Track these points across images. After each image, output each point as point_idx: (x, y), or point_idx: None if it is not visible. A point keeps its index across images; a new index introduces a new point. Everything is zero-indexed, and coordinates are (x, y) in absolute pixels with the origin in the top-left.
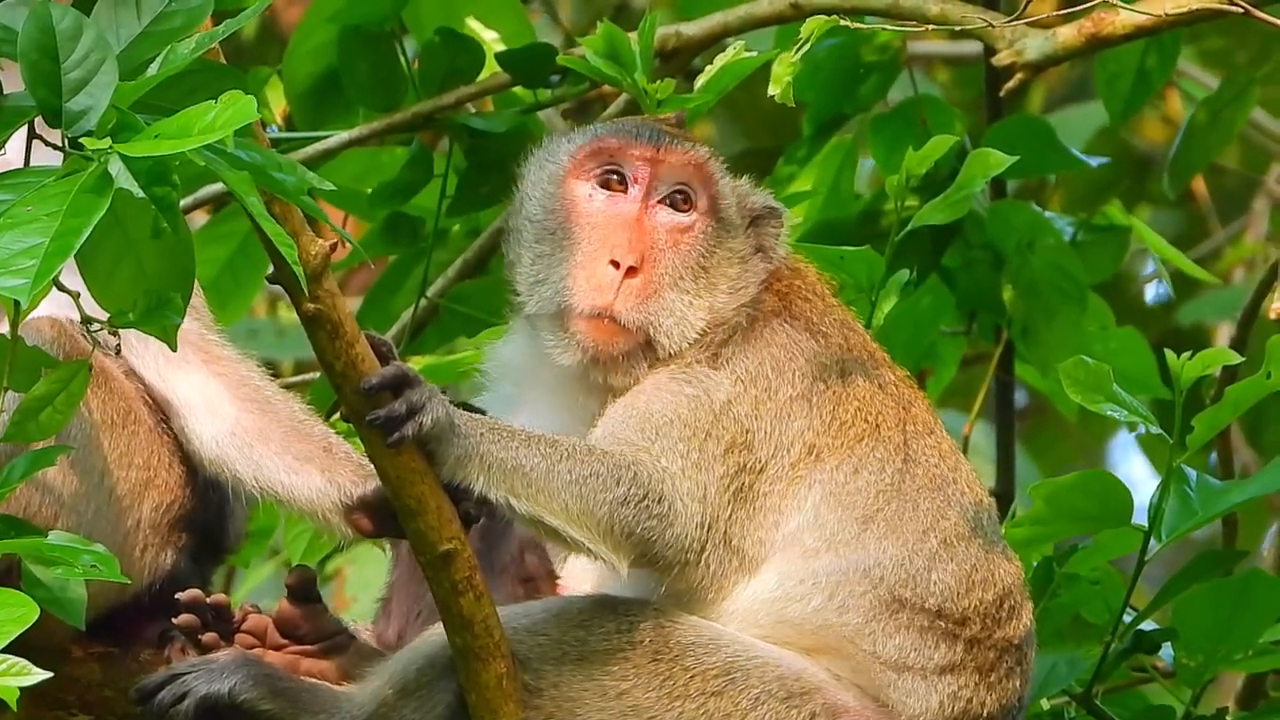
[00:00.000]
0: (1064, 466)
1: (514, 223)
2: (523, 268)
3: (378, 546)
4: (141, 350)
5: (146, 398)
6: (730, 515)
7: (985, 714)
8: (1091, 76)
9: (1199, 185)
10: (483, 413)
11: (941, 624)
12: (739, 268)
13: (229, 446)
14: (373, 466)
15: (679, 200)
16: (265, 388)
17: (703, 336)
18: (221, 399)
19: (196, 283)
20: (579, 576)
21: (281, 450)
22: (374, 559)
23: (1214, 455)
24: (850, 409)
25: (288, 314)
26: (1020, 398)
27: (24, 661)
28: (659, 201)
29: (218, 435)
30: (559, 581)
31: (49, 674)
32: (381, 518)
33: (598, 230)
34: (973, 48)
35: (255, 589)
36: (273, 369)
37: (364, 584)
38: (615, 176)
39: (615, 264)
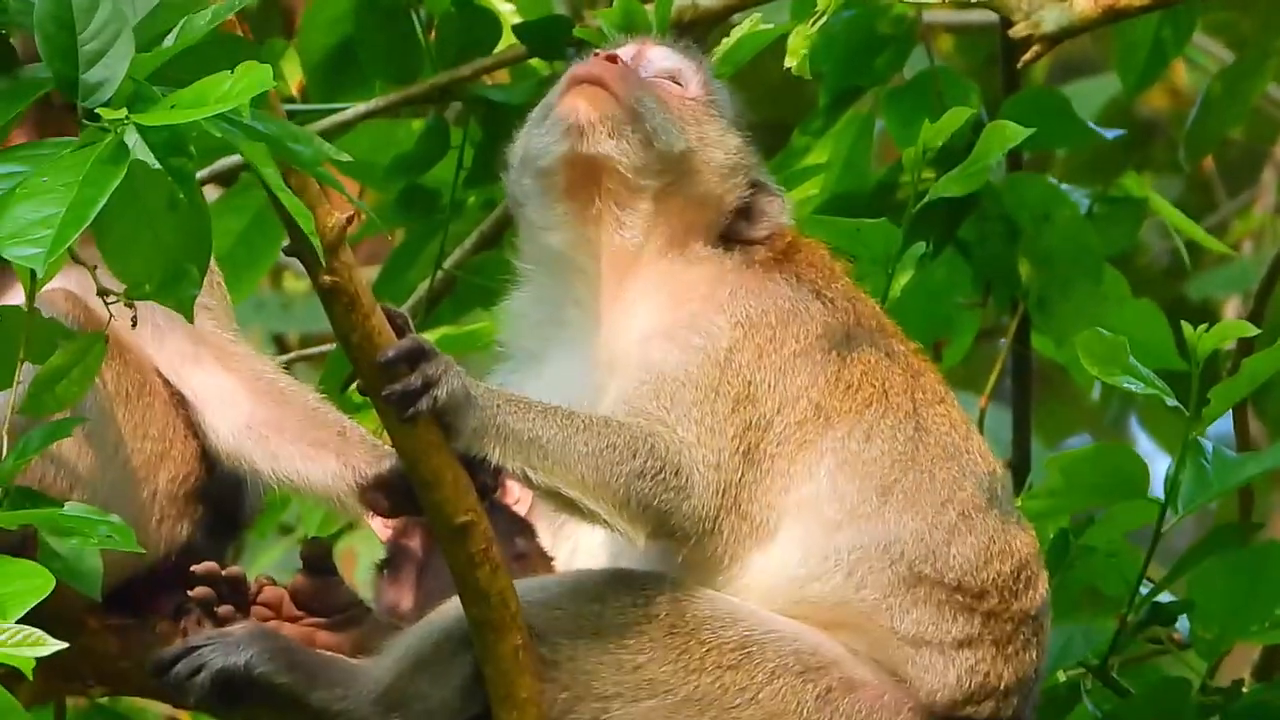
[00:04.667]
0: (1064, 437)
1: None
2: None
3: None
4: (157, 348)
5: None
6: (741, 479)
7: (1002, 687)
8: (1094, 51)
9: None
10: None
11: (959, 598)
12: (726, 168)
13: (245, 439)
14: (388, 446)
15: (669, 79)
16: (279, 379)
17: (686, 229)
18: (237, 393)
19: (214, 271)
20: (593, 550)
21: (297, 439)
22: (377, 539)
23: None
24: (856, 371)
25: (294, 286)
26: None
27: (39, 632)
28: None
29: (234, 429)
30: (552, 562)
31: (64, 644)
32: (397, 496)
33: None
34: (978, 16)
35: (268, 565)
36: (279, 342)
37: (370, 563)
38: None
39: (609, 58)
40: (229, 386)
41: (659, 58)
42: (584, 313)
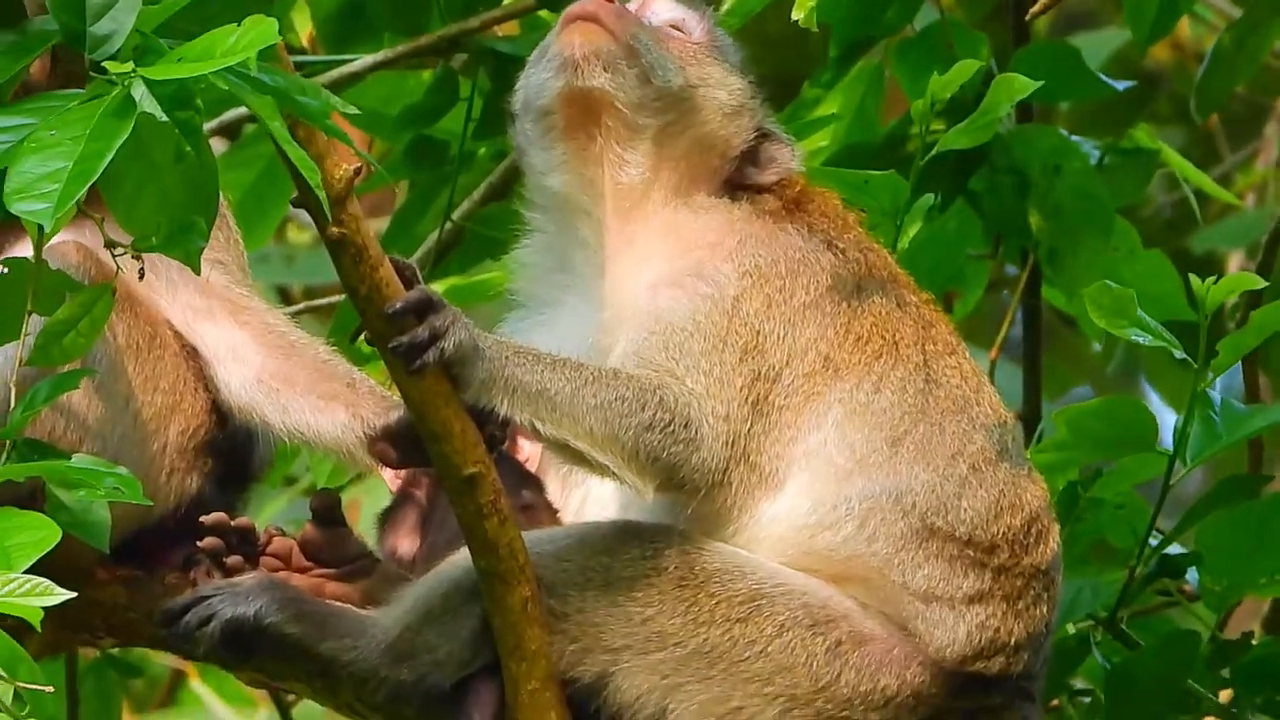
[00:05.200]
0: (1065, 391)
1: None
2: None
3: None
4: (169, 302)
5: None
6: (750, 430)
7: (1013, 642)
8: (1097, 4)
9: None
10: None
11: (970, 552)
12: (729, 109)
13: (256, 392)
14: (397, 396)
15: (672, 27)
16: (290, 333)
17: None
18: (248, 347)
19: (230, 225)
20: (602, 502)
21: (307, 391)
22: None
23: None
24: (866, 323)
25: (298, 238)
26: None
27: (47, 581)
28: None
29: (245, 382)
30: (559, 514)
31: (72, 594)
32: (405, 446)
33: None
34: None
35: (275, 517)
36: (283, 294)
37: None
38: None
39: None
40: (240, 340)
41: (663, 8)
42: (590, 258)
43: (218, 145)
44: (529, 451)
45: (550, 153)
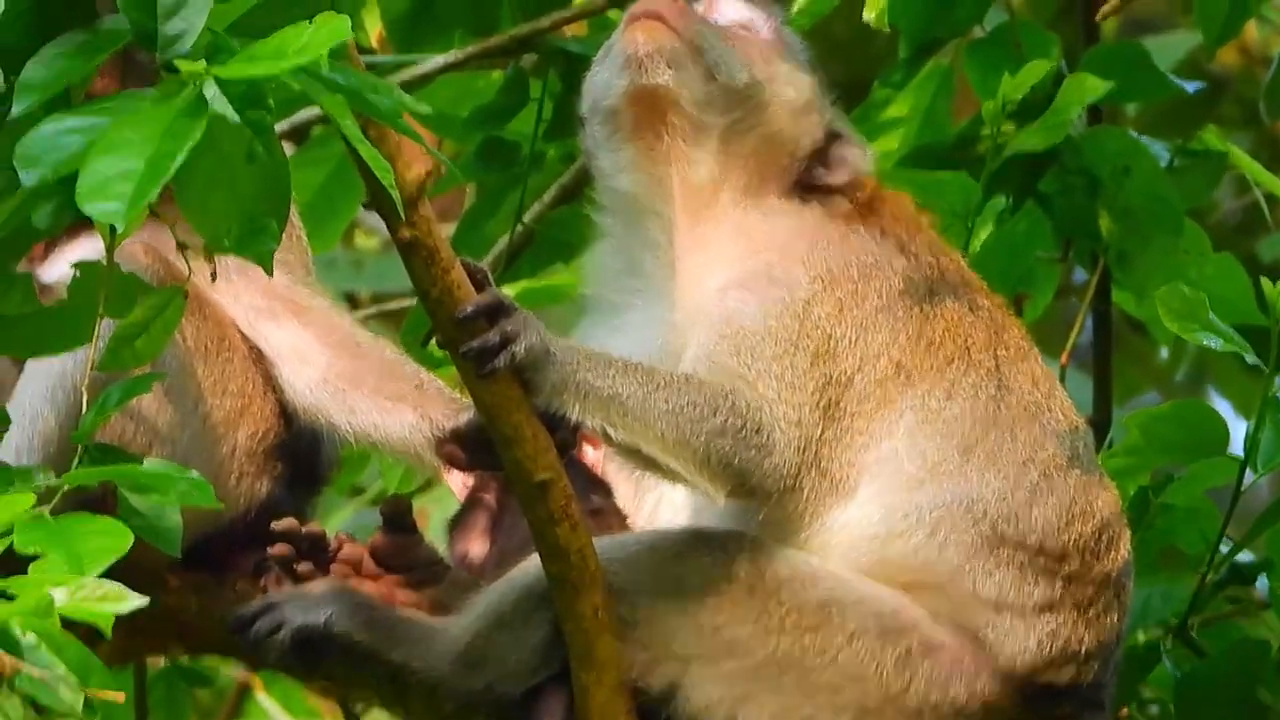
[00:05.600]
0: (1132, 397)
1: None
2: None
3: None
4: (231, 303)
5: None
6: (821, 435)
7: (1083, 651)
8: (1164, 8)
9: None
10: None
11: (1041, 560)
12: (798, 107)
13: (323, 393)
14: (466, 399)
15: (739, 27)
16: (355, 333)
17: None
18: (312, 347)
19: (294, 224)
20: (674, 507)
21: (374, 392)
22: (453, 494)
23: None
24: (939, 328)
25: (365, 244)
26: (1088, 324)
27: (119, 586)
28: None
29: (311, 383)
30: (628, 520)
31: (145, 600)
32: (474, 449)
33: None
34: None
35: (342, 524)
36: (350, 300)
37: (443, 518)
38: None
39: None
40: (305, 341)
41: (730, 9)
42: (660, 259)
43: (287, 147)
44: (595, 457)
45: (618, 154)
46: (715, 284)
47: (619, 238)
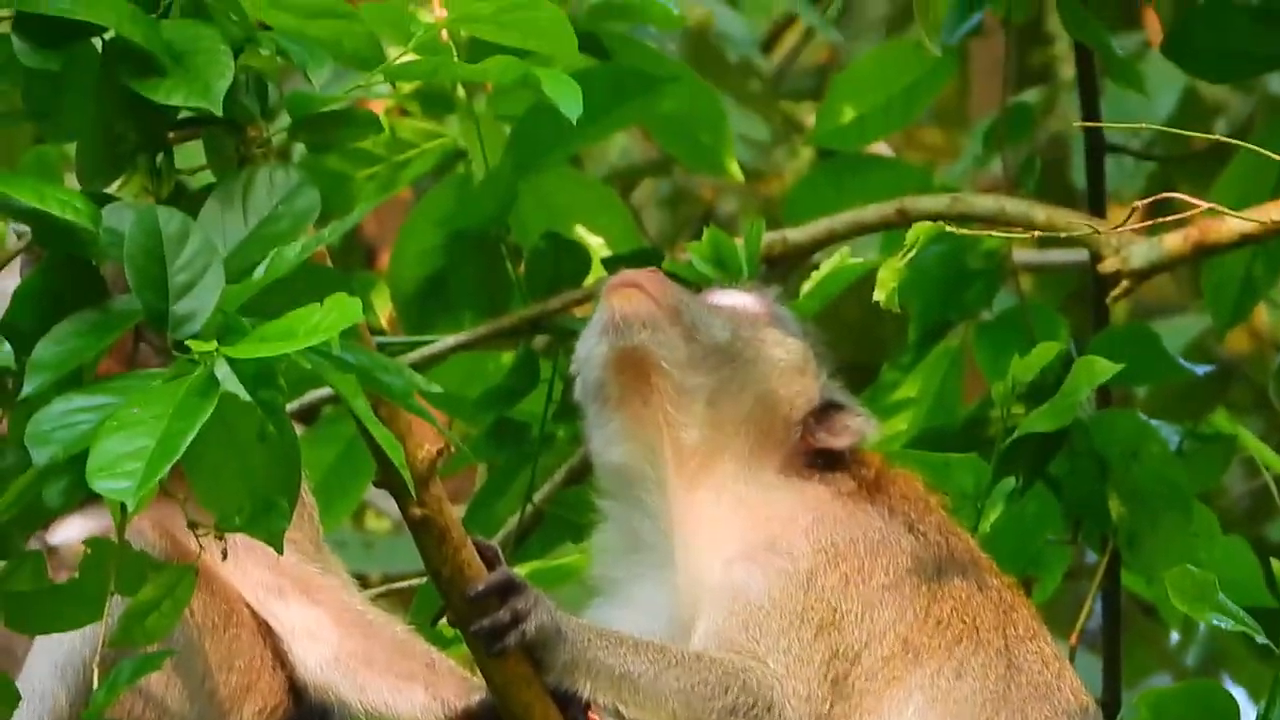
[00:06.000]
0: (1143, 678)
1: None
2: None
3: None
4: (240, 579)
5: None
6: (830, 711)
7: None
8: (1173, 293)
9: None
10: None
11: None
12: (786, 368)
13: (333, 672)
14: (478, 678)
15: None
16: (366, 611)
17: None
18: (323, 625)
19: (305, 502)
20: None
21: (385, 671)
22: None
23: None
24: (946, 607)
25: (375, 525)
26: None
27: None
28: None
29: (322, 661)
30: None
31: None
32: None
33: None
34: (1060, 256)
35: None
36: (361, 581)
37: None
38: None
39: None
40: (315, 618)
41: (719, 295)
42: (661, 530)
43: (297, 426)
44: None
45: (608, 426)
46: (720, 556)
47: (619, 517)
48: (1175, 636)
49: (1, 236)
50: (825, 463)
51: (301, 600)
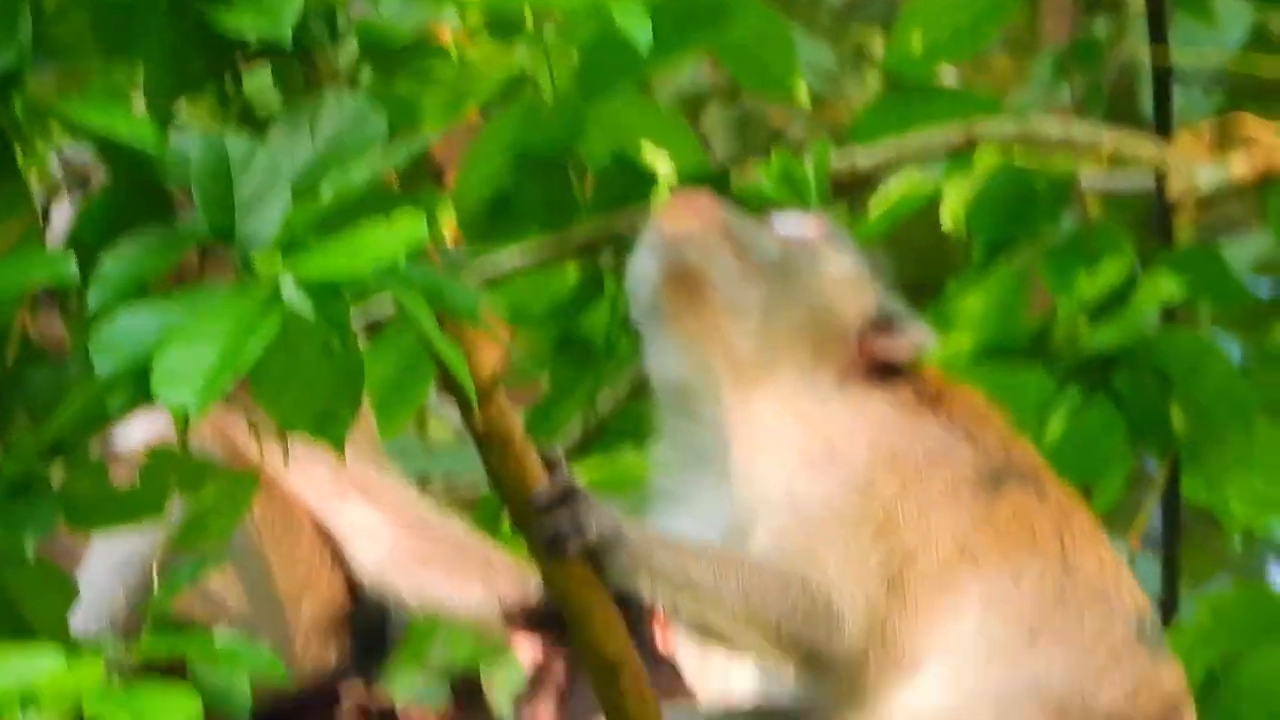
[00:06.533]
0: (1201, 583)
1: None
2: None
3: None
4: (299, 480)
5: None
6: (887, 611)
7: None
8: (1240, 212)
9: None
10: None
11: None
12: (840, 280)
13: (391, 570)
14: (535, 574)
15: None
16: (422, 509)
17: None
18: (380, 525)
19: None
20: (742, 682)
21: (442, 569)
22: (519, 666)
23: None
24: (1004, 513)
25: (437, 430)
26: (1155, 513)
27: None
28: None
29: (379, 560)
30: (695, 697)
31: None
32: (542, 625)
33: None
34: (1127, 182)
35: (410, 694)
36: (423, 485)
37: (510, 691)
38: None
39: None
40: (373, 518)
41: (776, 216)
42: (719, 444)
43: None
44: (664, 637)
45: (663, 343)
46: (778, 465)
47: (677, 431)
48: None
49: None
50: (884, 376)
51: (360, 500)
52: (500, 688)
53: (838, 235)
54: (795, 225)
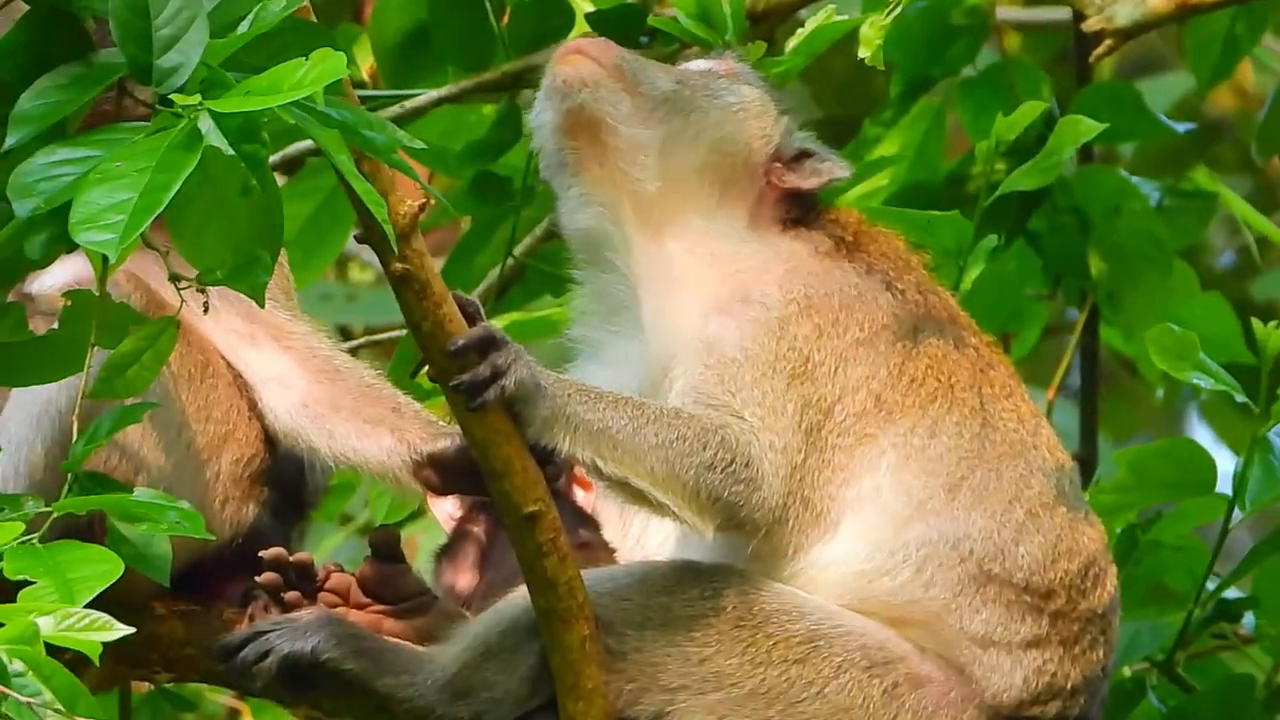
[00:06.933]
0: (1128, 435)
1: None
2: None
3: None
4: (213, 326)
5: None
6: (805, 462)
7: (1069, 686)
8: (1163, 48)
9: None
10: None
11: (1027, 598)
12: (740, 111)
13: (302, 418)
14: (443, 423)
15: None
16: (334, 356)
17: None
18: (292, 372)
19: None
20: (661, 540)
21: (352, 416)
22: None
23: None
24: (921, 365)
25: (359, 276)
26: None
27: (106, 616)
28: None
29: (291, 408)
30: (615, 553)
31: (131, 629)
32: (451, 474)
33: None
34: (1046, 14)
35: (330, 553)
36: (345, 333)
37: (430, 549)
38: None
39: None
40: (284, 365)
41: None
42: (634, 293)
43: (278, 178)
44: (584, 497)
45: (570, 193)
46: (692, 310)
47: (592, 281)
48: (1160, 393)
49: None
50: (800, 219)
51: (273, 347)
52: (423, 545)
53: (738, 68)
54: (694, 64)
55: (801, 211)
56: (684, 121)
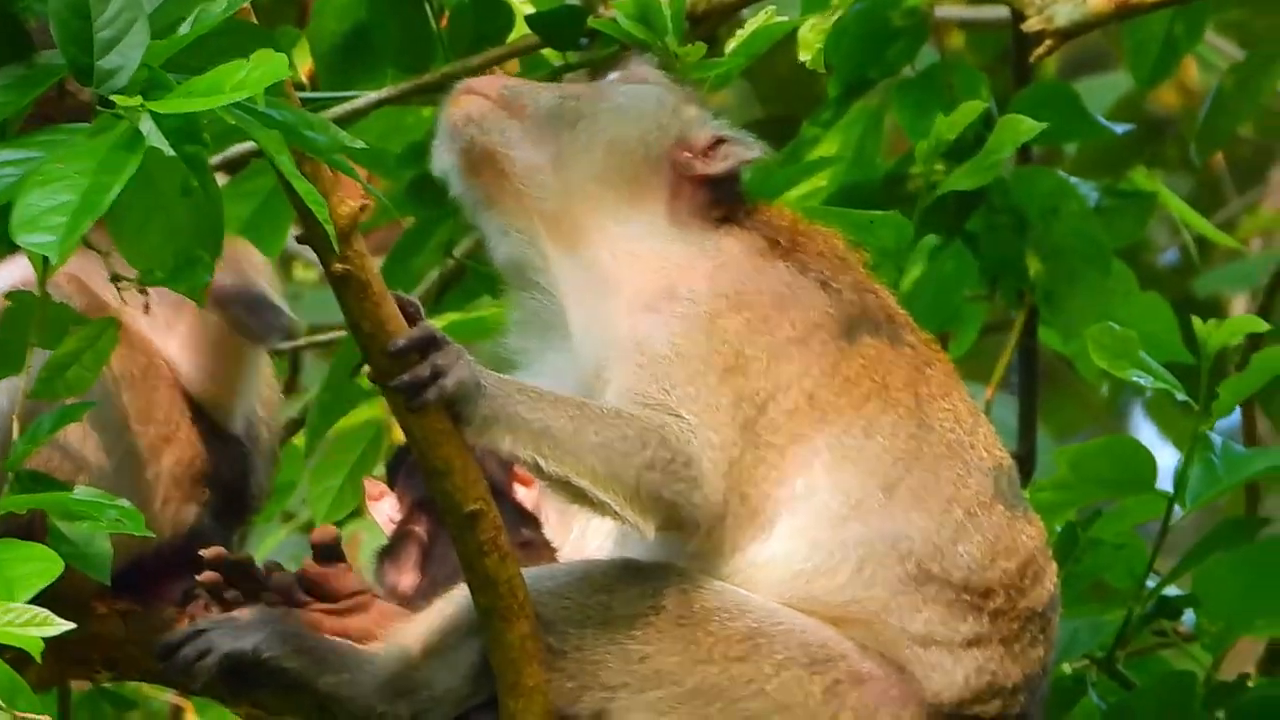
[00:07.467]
0: (1071, 433)
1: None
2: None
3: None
4: (162, 332)
5: None
6: (741, 457)
7: (1010, 685)
8: (1105, 48)
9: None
10: None
11: (967, 597)
12: (634, 109)
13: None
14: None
15: None
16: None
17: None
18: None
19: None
20: (601, 539)
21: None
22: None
23: None
24: (855, 365)
25: (303, 275)
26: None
27: (47, 612)
28: None
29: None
30: (556, 552)
31: (71, 625)
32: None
33: None
34: (989, 12)
35: (272, 552)
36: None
37: (371, 549)
38: None
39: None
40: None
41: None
42: (561, 305)
43: (219, 179)
44: (526, 494)
45: (490, 227)
46: (619, 311)
47: (524, 304)
48: (1104, 390)
49: None
50: (731, 217)
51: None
52: (365, 543)
53: (647, 72)
54: (610, 76)
55: (728, 205)
56: (572, 133)
